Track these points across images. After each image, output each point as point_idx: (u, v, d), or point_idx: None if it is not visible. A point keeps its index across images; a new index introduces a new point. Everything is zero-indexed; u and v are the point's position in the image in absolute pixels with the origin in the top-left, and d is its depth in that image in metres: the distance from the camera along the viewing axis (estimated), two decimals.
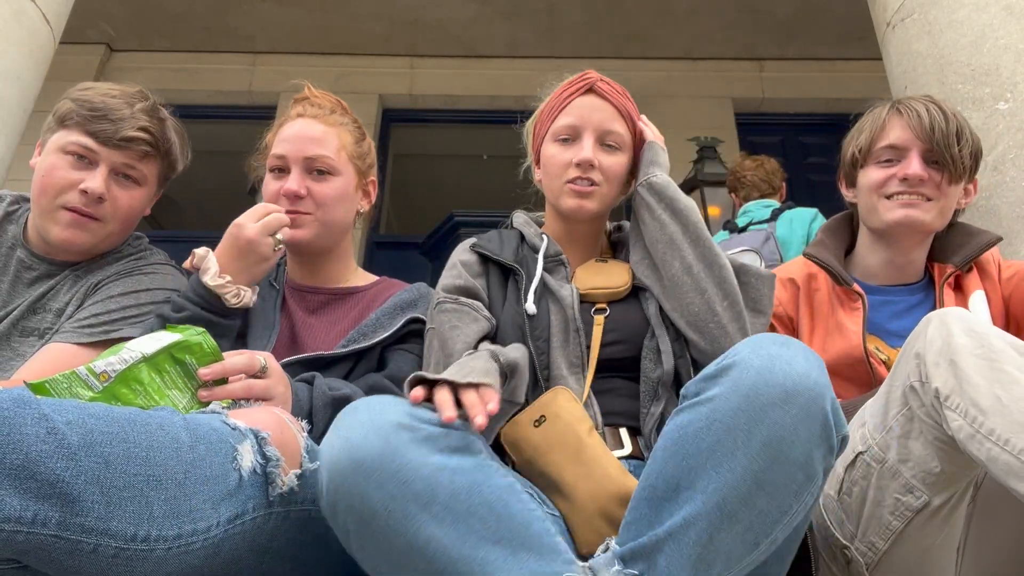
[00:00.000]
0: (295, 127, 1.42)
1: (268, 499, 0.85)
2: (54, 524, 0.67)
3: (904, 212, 1.42)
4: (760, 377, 0.81)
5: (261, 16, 4.72)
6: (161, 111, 1.43)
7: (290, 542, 0.90)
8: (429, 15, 4.69)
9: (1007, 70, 1.97)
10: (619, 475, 0.99)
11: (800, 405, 0.80)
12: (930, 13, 2.20)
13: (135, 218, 1.45)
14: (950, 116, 1.42)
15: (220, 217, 2.46)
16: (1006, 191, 1.90)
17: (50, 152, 1.36)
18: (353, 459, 0.78)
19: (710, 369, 0.86)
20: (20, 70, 2.32)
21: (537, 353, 1.20)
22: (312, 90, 1.52)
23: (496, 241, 1.42)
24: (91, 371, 0.93)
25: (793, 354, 0.83)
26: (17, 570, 0.71)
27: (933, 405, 0.97)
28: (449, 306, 1.28)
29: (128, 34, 4.91)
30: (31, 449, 0.67)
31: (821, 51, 4.88)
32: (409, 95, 4.98)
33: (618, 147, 1.35)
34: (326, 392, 1.18)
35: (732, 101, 4.87)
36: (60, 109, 1.38)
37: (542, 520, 0.82)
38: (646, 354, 1.22)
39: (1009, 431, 0.89)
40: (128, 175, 1.39)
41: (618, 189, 1.37)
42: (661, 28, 4.61)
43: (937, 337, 0.98)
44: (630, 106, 1.38)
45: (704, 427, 0.82)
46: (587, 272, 1.35)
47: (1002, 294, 1.45)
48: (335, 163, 1.41)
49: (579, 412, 1.07)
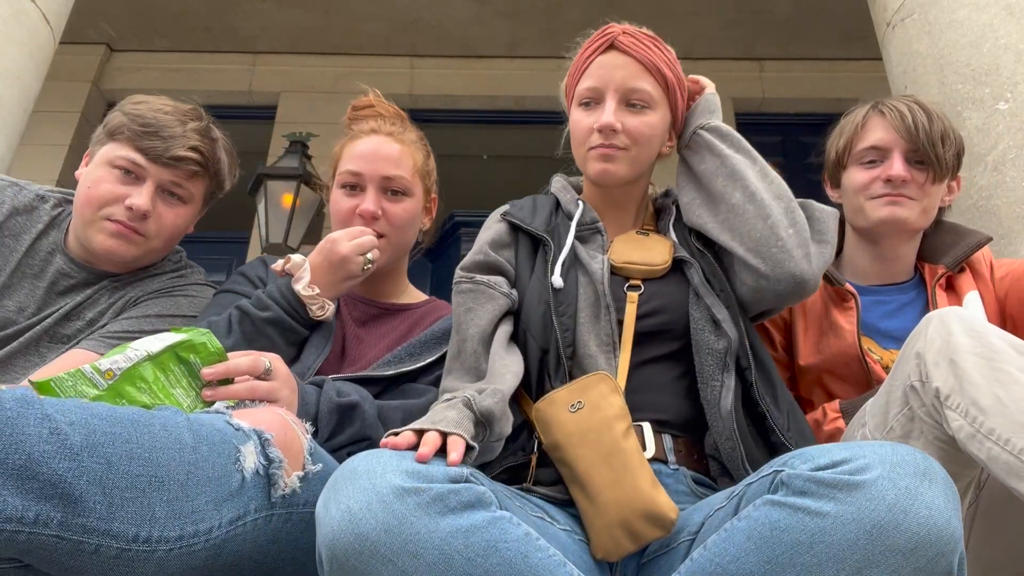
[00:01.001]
0: (370, 144, 1.41)
1: (270, 500, 0.85)
2: (56, 524, 0.67)
3: (889, 210, 1.42)
4: (891, 517, 0.70)
5: (261, 16, 4.72)
6: (213, 130, 1.42)
7: (292, 544, 0.90)
8: (429, 15, 4.69)
9: (1007, 70, 1.97)
10: (649, 489, 0.92)
11: (927, 558, 0.70)
12: (930, 13, 2.20)
13: (178, 236, 1.44)
14: (934, 116, 1.42)
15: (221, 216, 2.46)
16: (1006, 191, 1.90)
17: (98, 164, 1.34)
18: (356, 533, 0.72)
19: (827, 473, 0.74)
20: (20, 70, 2.32)
21: (562, 330, 1.13)
22: (380, 101, 1.50)
23: (528, 208, 1.34)
24: (96, 369, 0.93)
25: (935, 495, 0.71)
26: (19, 569, 0.71)
27: (933, 405, 0.97)
28: (465, 286, 1.22)
29: (128, 34, 4.90)
30: (33, 449, 0.67)
31: (821, 51, 4.87)
32: (409, 95, 4.97)
33: (646, 105, 1.24)
34: (333, 399, 1.18)
35: (732, 101, 4.87)
36: (111, 121, 1.36)
37: (563, 565, 0.78)
38: (700, 325, 1.13)
39: (1009, 431, 0.89)
40: (174, 193, 1.38)
41: (652, 150, 1.27)
42: (661, 28, 4.58)
43: (937, 336, 0.99)
44: (658, 56, 1.26)
45: (806, 542, 0.72)
46: (625, 244, 1.25)
47: (996, 295, 1.45)
48: (409, 184, 1.41)
49: (619, 406, 1.00)
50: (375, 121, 1.45)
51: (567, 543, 0.94)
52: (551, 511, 0.99)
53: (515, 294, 1.22)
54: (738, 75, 4.94)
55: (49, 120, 4.44)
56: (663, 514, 0.89)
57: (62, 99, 4.58)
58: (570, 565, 0.78)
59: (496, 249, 1.28)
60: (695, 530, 0.91)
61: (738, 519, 0.79)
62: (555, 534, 0.93)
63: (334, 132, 4.59)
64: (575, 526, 0.99)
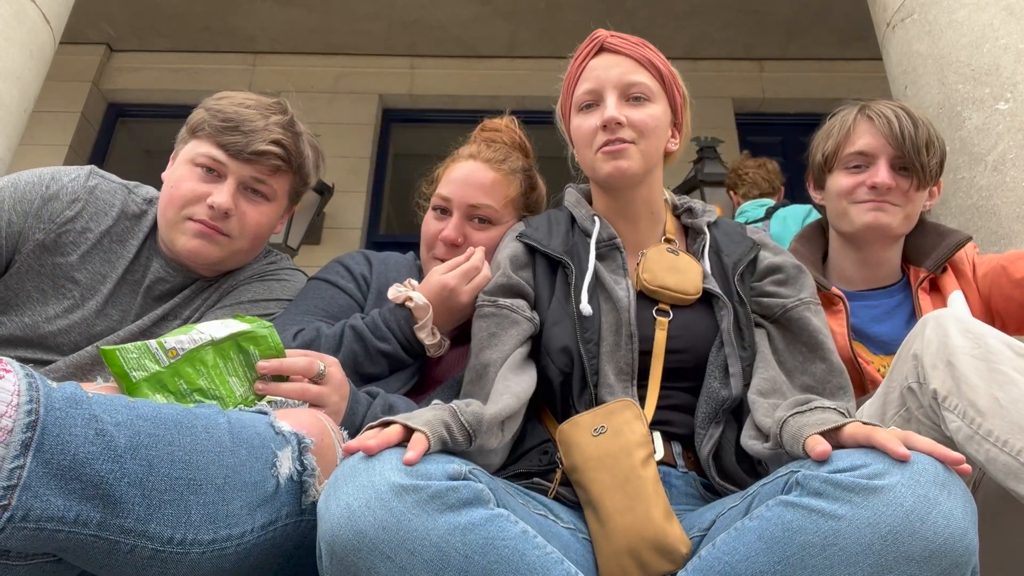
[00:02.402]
0: (464, 170, 1.40)
1: (301, 507, 0.85)
2: (95, 524, 0.68)
3: (873, 216, 1.43)
4: (907, 524, 0.69)
5: (261, 16, 4.72)
6: (297, 124, 1.36)
7: (313, 549, 0.91)
8: (429, 15, 4.69)
9: (1007, 70, 1.97)
10: (662, 520, 0.90)
11: (942, 568, 0.69)
12: (930, 13, 2.20)
13: (265, 235, 1.38)
14: (920, 123, 1.43)
15: None
16: (1006, 191, 1.90)
17: (180, 164, 1.31)
18: (355, 530, 0.72)
19: (845, 476, 0.73)
20: (20, 70, 2.32)
21: (588, 357, 1.11)
22: (511, 128, 1.48)
23: (544, 228, 1.29)
24: (161, 346, 0.96)
25: (953, 504, 0.70)
26: (51, 563, 0.72)
27: (931, 406, 0.97)
28: (487, 310, 1.20)
29: (128, 34, 4.91)
30: (79, 451, 0.68)
31: (821, 51, 4.87)
32: (409, 95, 4.97)
33: (647, 97, 1.22)
34: (378, 414, 1.16)
35: (732, 101, 4.87)
36: (193, 119, 1.33)
37: (560, 563, 0.78)
38: (712, 370, 1.12)
39: (1007, 432, 0.89)
40: (257, 190, 1.32)
41: (659, 142, 1.24)
42: (661, 28, 4.60)
43: (934, 338, 0.99)
44: (652, 54, 1.25)
45: (818, 545, 0.71)
46: (658, 264, 1.20)
47: (979, 292, 1.46)
48: (497, 214, 1.39)
49: (641, 434, 0.98)
50: (476, 147, 1.44)
51: (569, 541, 0.94)
52: (556, 509, 0.99)
53: (537, 318, 1.20)
54: (738, 75, 4.94)
55: (49, 120, 4.44)
56: (673, 547, 0.87)
57: (62, 99, 4.58)
58: (568, 562, 0.78)
59: (516, 270, 1.25)
60: (706, 527, 0.91)
61: (749, 518, 0.78)
62: (558, 532, 0.93)
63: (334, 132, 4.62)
64: (580, 524, 0.99)
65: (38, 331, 1.27)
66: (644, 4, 4.53)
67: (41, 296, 1.29)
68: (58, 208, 1.30)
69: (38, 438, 0.66)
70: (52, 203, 1.30)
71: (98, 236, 1.32)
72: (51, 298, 1.29)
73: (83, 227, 1.31)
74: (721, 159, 4.10)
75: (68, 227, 1.30)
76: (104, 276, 1.32)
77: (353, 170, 4.66)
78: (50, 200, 1.30)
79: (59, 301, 1.29)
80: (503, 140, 1.46)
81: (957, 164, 2.01)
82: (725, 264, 1.24)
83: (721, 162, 4.07)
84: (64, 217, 1.30)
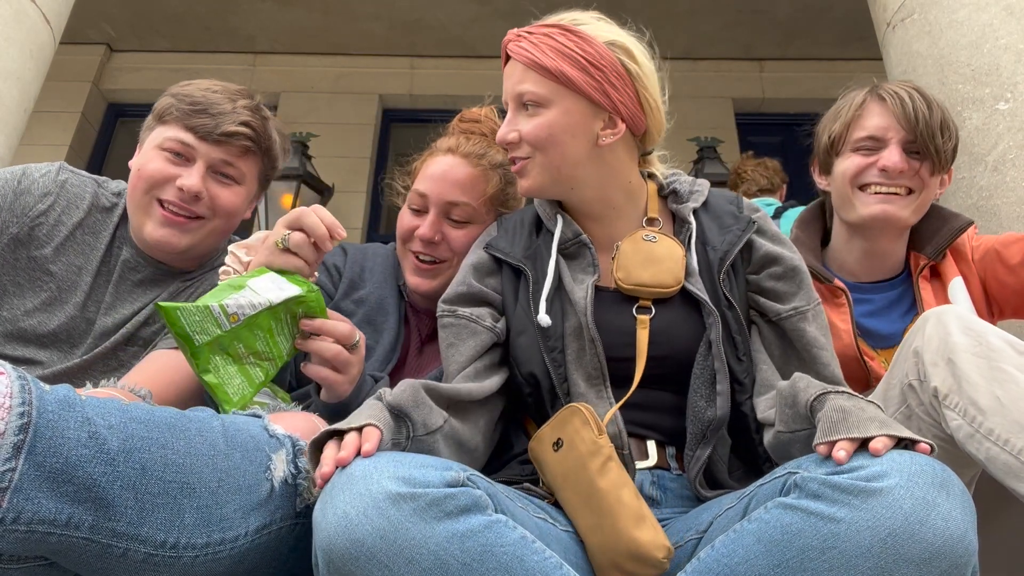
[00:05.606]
0: (442, 166, 1.36)
1: (295, 510, 0.85)
2: (87, 527, 0.68)
3: (881, 208, 1.37)
4: (907, 527, 0.69)
5: (261, 16, 4.72)
6: (264, 109, 1.37)
7: (308, 552, 0.91)
8: (429, 15, 4.69)
9: (1007, 70, 1.97)
10: (631, 529, 0.87)
11: (941, 570, 0.69)
12: (930, 13, 2.20)
13: (237, 217, 1.38)
14: (934, 105, 1.36)
15: None
16: (1006, 191, 1.90)
17: (148, 150, 1.30)
18: (352, 539, 0.71)
19: (843, 478, 0.72)
20: (20, 70, 2.32)
21: (554, 367, 1.08)
22: (491, 118, 1.45)
23: (510, 233, 1.24)
24: (224, 310, 0.97)
25: (952, 506, 0.70)
26: (44, 567, 0.72)
27: (932, 404, 0.97)
28: (446, 320, 1.17)
29: (128, 34, 4.91)
30: (71, 453, 0.68)
31: (821, 51, 4.87)
32: (409, 95, 4.97)
33: (537, 103, 1.12)
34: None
35: (732, 101, 4.87)
36: (159, 106, 1.32)
37: (559, 568, 0.77)
38: (697, 387, 1.06)
39: (1008, 431, 0.89)
40: (226, 173, 1.32)
41: (566, 148, 1.13)
42: (661, 28, 4.58)
43: (935, 335, 0.98)
44: (541, 53, 1.13)
45: (817, 548, 0.71)
46: (632, 259, 1.13)
47: (978, 275, 1.42)
48: (474, 212, 1.36)
49: (590, 441, 0.94)
50: (456, 139, 1.40)
51: (569, 544, 0.94)
52: (552, 512, 0.98)
53: (500, 327, 1.15)
54: (738, 75, 4.94)
55: (49, 120, 4.44)
56: (647, 554, 0.85)
57: (62, 99, 4.59)
58: (567, 567, 0.78)
59: (480, 278, 1.20)
60: (703, 528, 0.91)
61: (748, 521, 0.78)
62: (557, 536, 0.93)
63: (334, 132, 4.61)
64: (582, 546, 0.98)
65: (17, 324, 1.28)
66: (644, 4, 4.53)
67: (17, 290, 1.30)
68: (30, 202, 1.31)
69: (30, 440, 0.66)
70: (24, 197, 1.31)
71: (71, 228, 1.33)
72: (27, 291, 1.30)
73: (56, 220, 1.32)
74: (721, 159, 4.10)
75: (41, 220, 1.31)
76: (80, 268, 1.32)
77: (353, 170, 4.67)
78: (22, 194, 1.31)
79: (35, 294, 1.30)
80: (481, 131, 1.44)
81: (957, 164, 2.00)
82: (711, 260, 1.15)
83: (721, 162, 4.07)
84: (36, 211, 1.31)
